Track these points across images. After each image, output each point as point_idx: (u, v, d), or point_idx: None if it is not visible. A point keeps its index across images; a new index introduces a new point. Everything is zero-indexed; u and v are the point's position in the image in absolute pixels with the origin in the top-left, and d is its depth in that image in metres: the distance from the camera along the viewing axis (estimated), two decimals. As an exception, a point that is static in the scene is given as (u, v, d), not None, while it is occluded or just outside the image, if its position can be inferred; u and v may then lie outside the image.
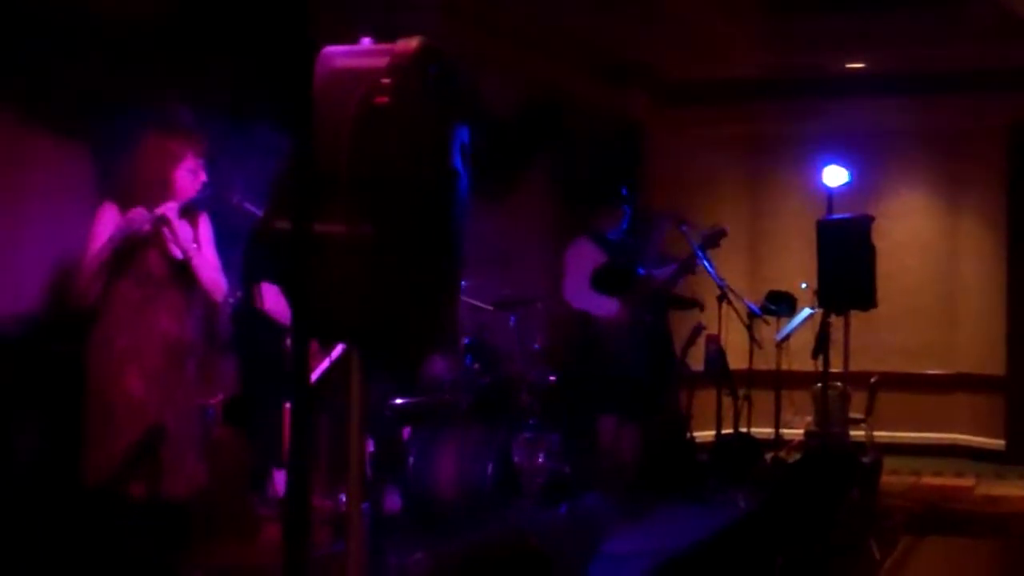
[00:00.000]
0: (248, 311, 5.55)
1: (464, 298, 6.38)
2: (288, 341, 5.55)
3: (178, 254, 4.89)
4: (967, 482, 9.91)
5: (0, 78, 5.11)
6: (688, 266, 7.95)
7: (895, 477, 9.35)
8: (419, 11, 6.62)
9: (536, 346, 7.36)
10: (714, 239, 7.99)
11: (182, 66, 5.57)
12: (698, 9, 9.02)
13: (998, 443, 10.87)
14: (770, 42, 10.00)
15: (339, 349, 4.98)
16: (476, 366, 6.87)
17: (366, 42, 3.30)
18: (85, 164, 5.54)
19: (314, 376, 5.16)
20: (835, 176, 10.28)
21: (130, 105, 5.36)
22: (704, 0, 8.98)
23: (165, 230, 4.88)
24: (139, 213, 4.83)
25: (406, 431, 6.56)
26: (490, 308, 7.00)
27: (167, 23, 5.56)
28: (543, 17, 8.64)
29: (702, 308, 8.45)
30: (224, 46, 5.72)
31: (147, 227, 4.84)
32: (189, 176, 4.93)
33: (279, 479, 5.87)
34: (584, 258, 7.68)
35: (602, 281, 7.57)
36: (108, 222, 4.82)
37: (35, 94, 5.23)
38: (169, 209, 4.87)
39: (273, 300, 5.51)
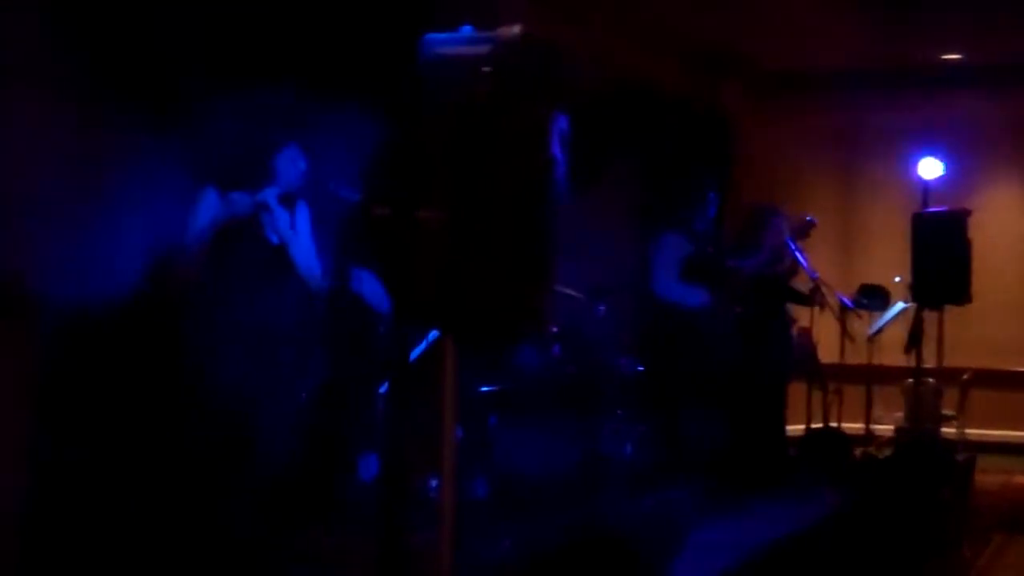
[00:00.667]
0: (343, 296, 5.58)
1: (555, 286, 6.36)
2: (382, 327, 5.63)
3: (275, 240, 4.94)
4: (1059, 482, 9.74)
5: (93, 63, 5.17)
6: (775, 257, 7.87)
7: (987, 476, 9.20)
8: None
9: (624, 336, 7.34)
10: (803, 231, 7.92)
11: (278, 51, 5.60)
12: (793, -1, 8.94)
13: (1090, 443, 10.67)
14: (865, 32, 9.87)
15: (433, 334, 5.01)
16: (564, 354, 6.85)
17: (467, 30, 3.30)
18: (179, 150, 5.59)
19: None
20: (930, 169, 10.11)
21: (225, 91, 5.41)
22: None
23: (264, 215, 4.94)
24: (240, 196, 4.89)
25: (493, 418, 6.57)
26: (581, 296, 6.98)
27: (264, 7, 5.60)
28: (637, 5, 8.60)
29: (820, 306, 8.37)
30: (321, 30, 5.75)
31: (248, 210, 4.90)
32: (289, 164, 4.99)
33: (369, 464, 5.90)
34: (672, 249, 7.64)
35: (691, 272, 7.53)
36: (209, 206, 4.89)
37: (129, 79, 5.29)
38: (269, 195, 4.93)
39: (368, 286, 5.56)
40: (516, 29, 3.25)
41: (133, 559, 4.67)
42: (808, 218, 7.99)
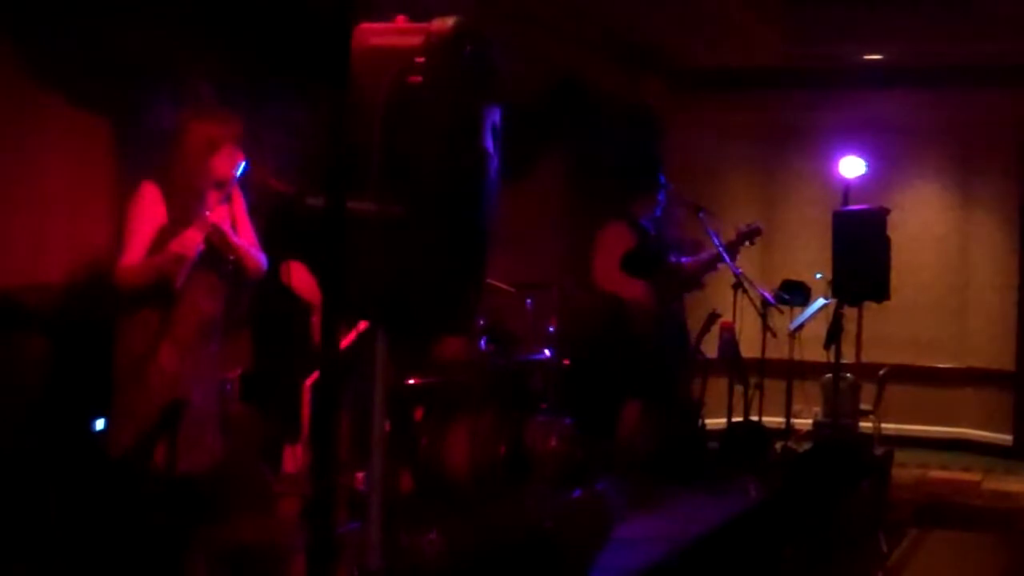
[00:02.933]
0: (273, 287, 5.54)
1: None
2: (314, 318, 5.59)
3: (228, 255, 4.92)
4: (974, 476, 9.92)
5: (20, 51, 5.09)
6: (716, 261, 7.98)
7: (903, 470, 9.36)
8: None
9: (550, 329, 7.35)
10: (749, 236, 8.03)
11: (206, 39, 5.54)
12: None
13: (1006, 438, 10.88)
14: (789, 31, 9.97)
15: (362, 325, 4.98)
16: (491, 348, 6.85)
17: (401, 20, 3.30)
18: (106, 138, 5.53)
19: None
20: (851, 167, 10.25)
21: (152, 78, 5.35)
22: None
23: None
24: (192, 237, 4.80)
25: (419, 411, 6.55)
26: (512, 290, 6.98)
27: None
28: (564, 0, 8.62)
29: (700, 287, 8.49)
30: (251, 19, 5.70)
31: (201, 247, 4.83)
32: (228, 159, 4.92)
33: (292, 455, 5.87)
34: (617, 240, 7.69)
35: (632, 264, 7.58)
36: (150, 202, 4.80)
37: (56, 67, 5.21)
38: (221, 218, 4.88)
39: (299, 276, 5.52)
40: (450, 21, 3.25)
41: (56, 552, 4.61)
42: (756, 224, 8.11)
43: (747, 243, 8.13)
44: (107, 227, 5.20)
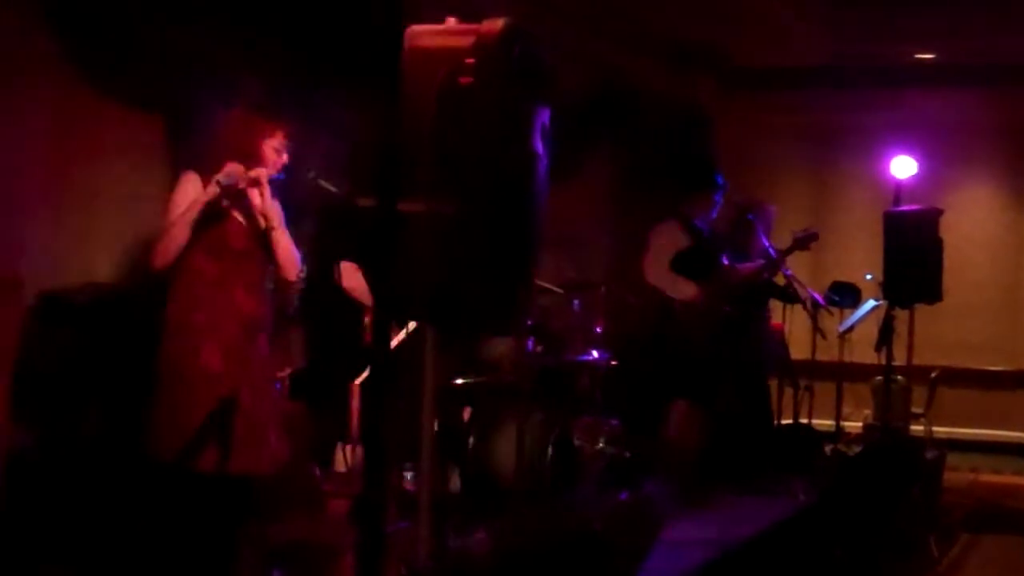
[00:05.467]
0: (325, 287, 5.56)
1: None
2: (365, 318, 5.61)
3: (262, 222, 4.84)
4: (1027, 481, 9.82)
5: (75, 49, 5.14)
6: (774, 266, 7.93)
7: (954, 474, 9.25)
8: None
9: (598, 330, 7.35)
10: (805, 242, 7.98)
11: (256, 39, 5.58)
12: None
13: (1059, 443, 10.76)
14: (839, 30, 9.90)
15: (412, 325, 5.00)
16: (538, 348, 6.86)
17: (451, 21, 3.30)
18: (158, 135, 5.57)
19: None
20: (903, 167, 10.15)
21: (203, 77, 5.38)
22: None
23: (254, 194, 4.84)
24: (237, 168, 4.79)
25: (466, 411, 6.57)
26: (560, 290, 6.99)
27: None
28: (612, 1, 8.60)
29: (804, 304, 8.39)
30: (305, 19, 5.73)
31: (242, 184, 4.78)
32: (274, 153, 4.88)
33: (343, 455, 5.89)
34: (669, 239, 7.66)
35: (683, 264, 7.55)
36: (189, 191, 4.78)
37: (109, 64, 5.26)
38: (262, 173, 4.82)
39: (349, 277, 5.54)
40: (500, 22, 3.25)
41: (107, 548, 4.65)
42: (813, 230, 8.07)
43: (803, 248, 8.05)
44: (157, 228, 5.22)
